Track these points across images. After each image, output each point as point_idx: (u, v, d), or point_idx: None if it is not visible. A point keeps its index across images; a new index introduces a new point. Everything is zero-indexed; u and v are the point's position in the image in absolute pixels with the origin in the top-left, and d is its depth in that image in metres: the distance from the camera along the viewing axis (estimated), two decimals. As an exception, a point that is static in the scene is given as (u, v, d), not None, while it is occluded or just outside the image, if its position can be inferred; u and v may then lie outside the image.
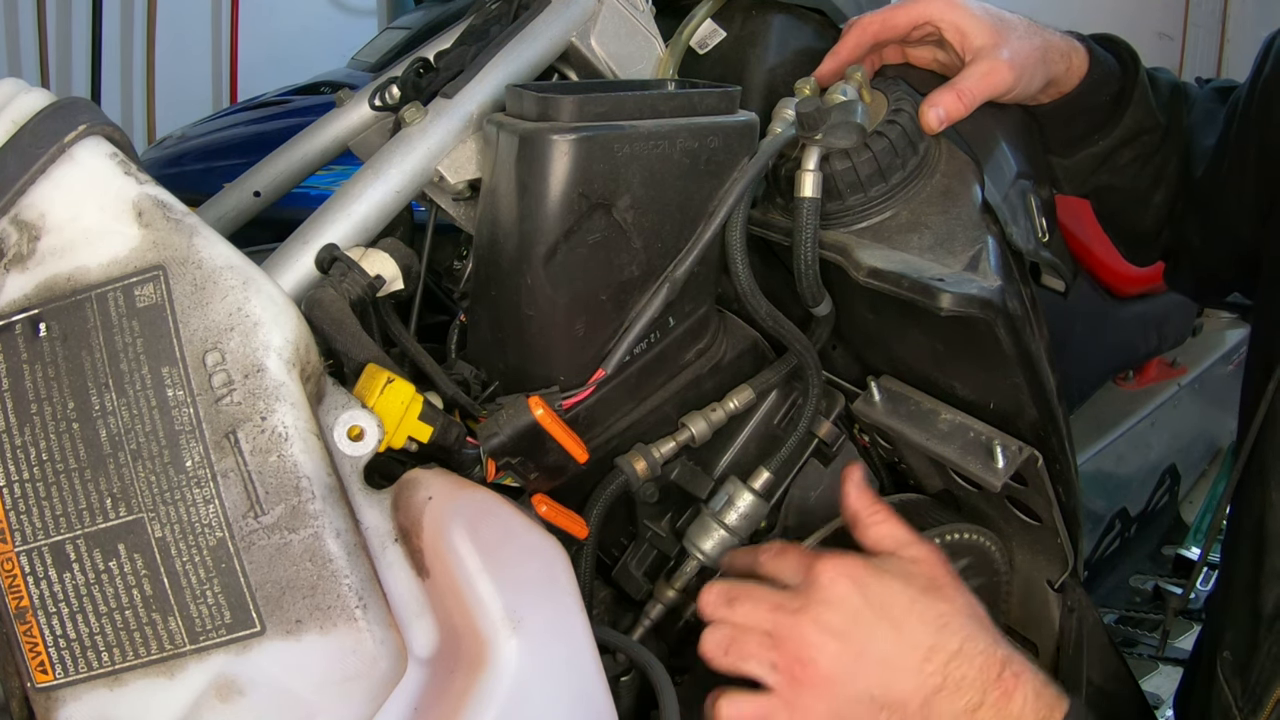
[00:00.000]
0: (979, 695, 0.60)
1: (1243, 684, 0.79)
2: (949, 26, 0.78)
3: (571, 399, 0.70)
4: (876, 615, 0.61)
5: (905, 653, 0.60)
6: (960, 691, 0.60)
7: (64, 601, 0.50)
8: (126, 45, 3.95)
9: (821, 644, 0.61)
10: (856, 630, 0.61)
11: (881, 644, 0.61)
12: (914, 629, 0.61)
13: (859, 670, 0.60)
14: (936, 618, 0.61)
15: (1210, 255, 0.93)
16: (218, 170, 2.35)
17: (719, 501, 0.80)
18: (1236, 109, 0.86)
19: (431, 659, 0.57)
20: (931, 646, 0.60)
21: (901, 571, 0.63)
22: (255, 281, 0.53)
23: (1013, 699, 0.60)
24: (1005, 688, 0.60)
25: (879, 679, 0.60)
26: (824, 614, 0.61)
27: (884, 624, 0.61)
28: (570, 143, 0.64)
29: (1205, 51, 5.55)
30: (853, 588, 0.62)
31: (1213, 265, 0.94)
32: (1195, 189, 0.90)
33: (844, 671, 0.61)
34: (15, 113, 0.54)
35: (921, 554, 0.65)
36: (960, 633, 0.61)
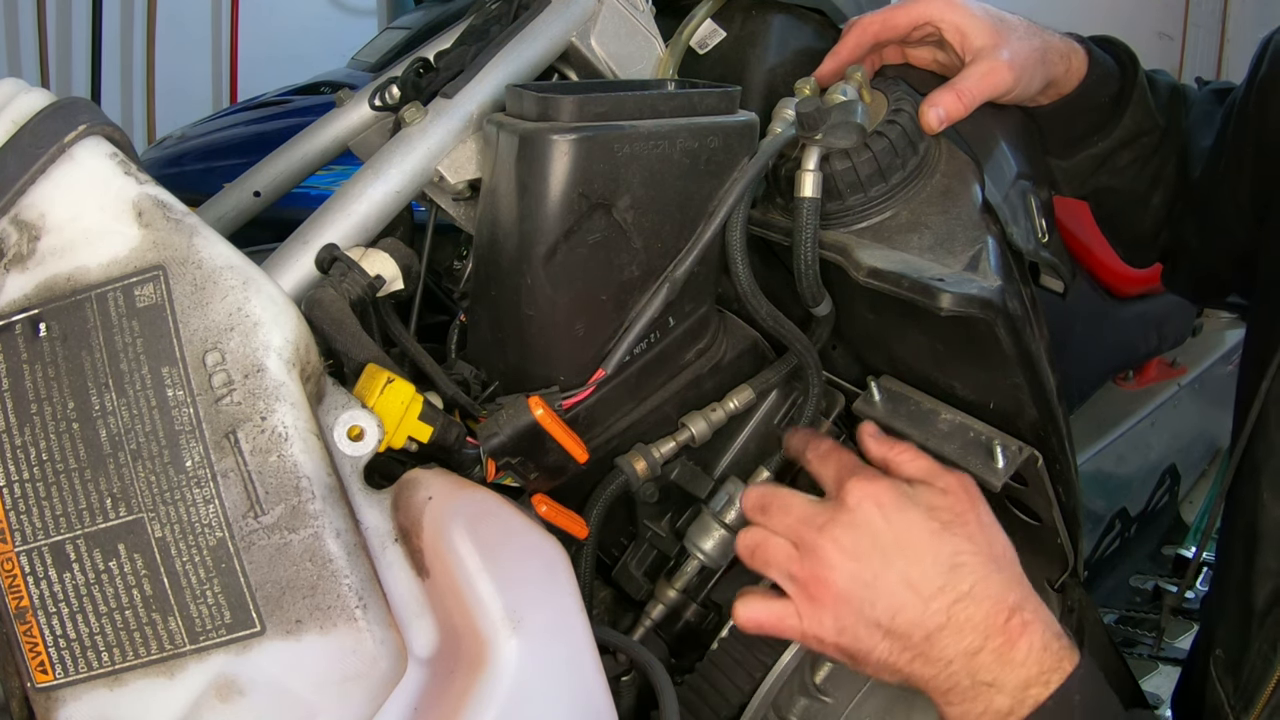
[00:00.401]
0: (981, 639, 0.60)
1: (1235, 682, 0.80)
2: (949, 27, 0.78)
3: (571, 399, 0.70)
4: (894, 545, 0.62)
5: (915, 587, 0.61)
6: (963, 633, 0.60)
7: (64, 601, 0.50)
8: (126, 45, 3.95)
9: (838, 564, 0.62)
10: (872, 557, 0.62)
11: (893, 575, 0.61)
12: (927, 565, 0.61)
13: (869, 596, 0.61)
14: (952, 555, 0.62)
15: (1208, 256, 0.93)
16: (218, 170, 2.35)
17: (719, 501, 0.80)
18: (1233, 109, 0.87)
19: (431, 659, 0.57)
20: (941, 586, 0.61)
21: (928, 503, 0.64)
22: (255, 281, 0.53)
23: (1016, 647, 0.60)
24: (1010, 635, 0.60)
25: (886, 607, 0.61)
26: (844, 536, 0.62)
27: (900, 555, 0.62)
28: (570, 143, 0.64)
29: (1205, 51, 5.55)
30: (877, 513, 0.63)
31: (1211, 266, 0.95)
32: (1193, 189, 0.90)
33: (855, 595, 0.62)
34: (15, 113, 0.54)
35: (952, 484, 0.65)
36: (973, 575, 0.61)
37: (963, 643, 0.61)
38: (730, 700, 0.76)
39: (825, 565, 0.62)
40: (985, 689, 0.60)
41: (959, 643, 0.61)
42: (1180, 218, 0.93)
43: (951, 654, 0.61)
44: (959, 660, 0.61)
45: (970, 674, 0.61)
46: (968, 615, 0.61)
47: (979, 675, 0.60)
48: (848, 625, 0.62)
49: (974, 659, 0.60)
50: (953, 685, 0.61)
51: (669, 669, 0.74)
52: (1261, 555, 0.78)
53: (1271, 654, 0.76)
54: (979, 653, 0.60)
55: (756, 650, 0.77)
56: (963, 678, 0.61)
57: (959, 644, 0.61)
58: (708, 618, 0.82)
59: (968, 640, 0.61)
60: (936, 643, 0.61)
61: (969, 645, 0.60)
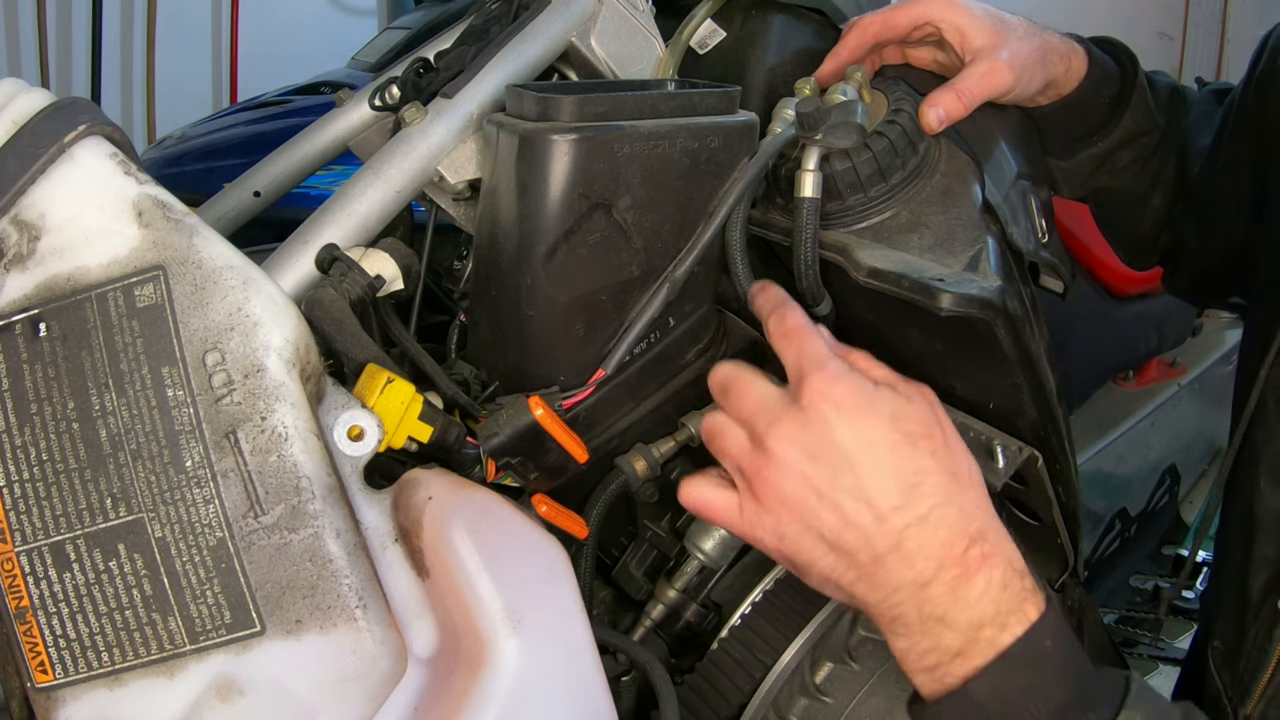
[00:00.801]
0: (933, 569, 0.54)
1: (1232, 673, 0.80)
2: (949, 27, 0.78)
3: (571, 399, 0.70)
4: (849, 454, 0.55)
5: (867, 502, 0.55)
6: (914, 560, 0.55)
7: (64, 601, 0.50)
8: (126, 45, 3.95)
9: (787, 467, 0.56)
10: (824, 464, 0.55)
11: (845, 487, 0.55)
12: (883, 482, 0.55)
13: (815, 507, 0.56)
14: (912, 474, 0.55)
15: (1207, 255, 0.93)
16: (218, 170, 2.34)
17: (719, 501, 0.80)
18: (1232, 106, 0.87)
19: (431, 659, 0.57)
20: (896, 505, 0.55)
21: (891, 410, 0.56)
22: (255, 281, 0.53)
23: (972, 581, 0.54)
24: (966, 568, 0.54)
25: (832, 522, 0.55)
26: (797, 436, 0.56)
27: (854, 466, 0.55)
28: (570, 143, 0.64)
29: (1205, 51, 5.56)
30: (835, 415, 0.55)
31: (1210, 265, 0.95)
32: (1192, 187, 0.90)
33: (799, 503, 0.56)
34: (15, 113, 0.54)
35: (915, 394, 0.59)
36: (932, 497, 0.55)
37: (912, 571, 0.55)
38: (730, 700, 0.76)
39: (773, 465, 0.56)
40: (934, 624, 0.55)
41: (908, 570, 0.55)
42: (1180, 218, 0.93)
43: (898, 581, 0.55)
44: (906, 589, 0.55)
45: (918, 606, 0.55)
46: (921, 542, 0.54)
47: (927, 608, 0.55)
48: (789, 534, 0.57)
49: (923, 590, 0.55)
50: (898, 615, 0.56)
51: (669, 669, 0.74)
52: (1259, 544, 0.78)
53: (1267, 643, 0.76)
54: (929, 584, 0.54)
55: (756, 650, 0.77)
56: (909, 609, 0.55)
57: (908, 572, 0.55)
58: (708, 618, 0.82)
59: (918, 568, 0.54)
60: (884, 567, 0.55)
61: (919, 574, 0.54)
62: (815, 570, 0.58)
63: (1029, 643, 0.54)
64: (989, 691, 0.54)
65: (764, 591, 0.80)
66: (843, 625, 0.79)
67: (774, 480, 0.57)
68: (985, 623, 0.54)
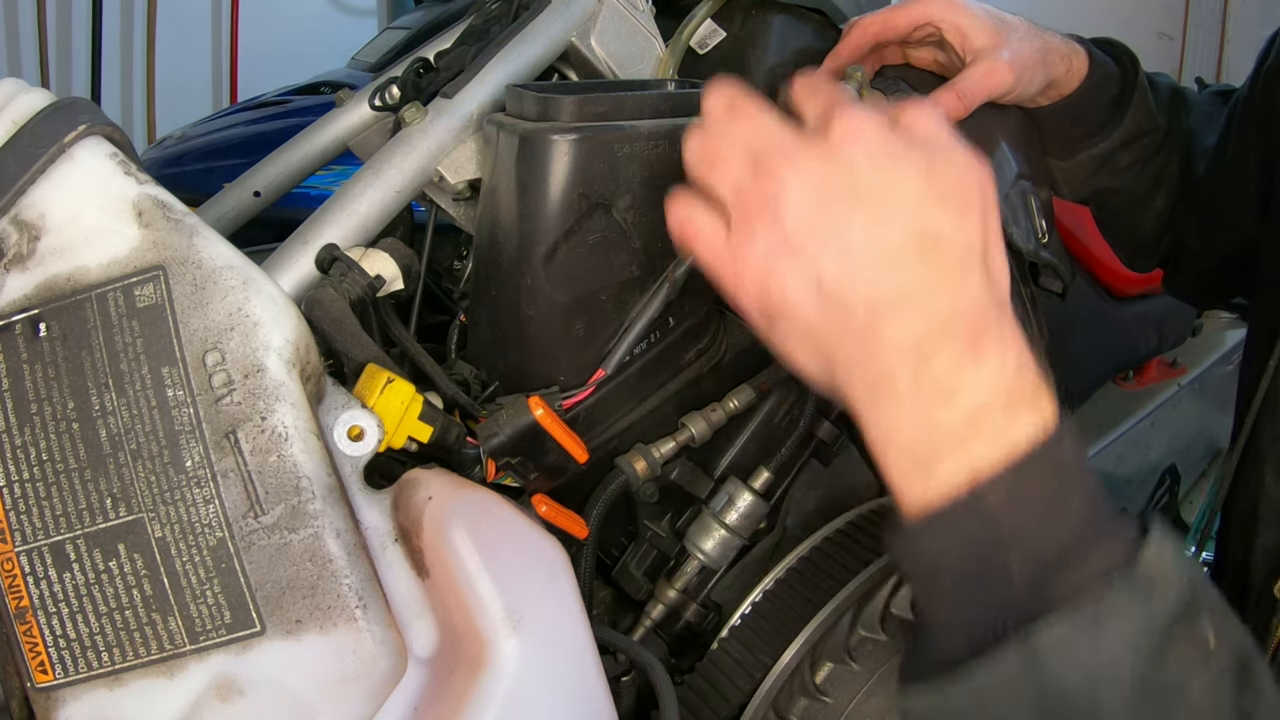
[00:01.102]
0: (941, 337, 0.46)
1: None
2: (949, 27, 0.78)
3: (571, 399, 0.70)
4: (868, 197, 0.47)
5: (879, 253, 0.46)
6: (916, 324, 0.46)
7: (64, 601, 0.50)
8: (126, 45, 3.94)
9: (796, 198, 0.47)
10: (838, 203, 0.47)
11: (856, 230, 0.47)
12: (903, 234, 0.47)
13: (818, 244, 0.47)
14: (935, 231, 0.47)
15: (1210, 255, 0.93)
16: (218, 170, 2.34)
17: (719, 501, 0.80)
18: (1238, 105, 0.87)
19: (431, 659, 0.57)
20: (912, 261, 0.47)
21: (927, 164, 0.48)
22: (255, 281, 0.53)
23: (983, 359, 0.46)
24: (978, 344, 0.46)
25: (834, 267, 0.47)
26: (815, 168, 0.48)
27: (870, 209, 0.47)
28: (570, 143, 0.64)
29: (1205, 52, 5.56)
30: (861, 155, 0.47)
31: (1212, 265, 0.95)
32: (1197, 187, 0.90)
33: (801, 237, 0.47)
34: (15, 113, 0.54)
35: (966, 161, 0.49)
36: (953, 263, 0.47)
37: (914, 333, 0.46)
38: (730, 700, 0.76)
39: (781, 194, 0.48)
40: (933, 396, 0.46)
41: (910, 332, 0.46)
42: (1183, 218, 0.93)
43: (897, 344, 0.46)
44: (905, 356, 0.46)
45: (915, 373, 0.46)
46: (930, 307, 0.46)
47: (927, 377, 0.46)
48: (778, 271, 0.48)
49: (924, 360, 0.46)
50: (889, 379, 0.46)
51: (669, 669, 0.74)
52: (1261, 538, 0.79)
53: (1265, 634, 0.76)
54: (933, 354, 0.46)
55: (757, 650, 0.77)
56: (904, 374, 0.46)
57: (910, 334, 0.46)
58: (708, 618, 0.82)
59: (922, 332, 0.46)
60: (883, 328, 0.46)
61: (922, 339, 0.46)
62: (796, 322, 0.49)
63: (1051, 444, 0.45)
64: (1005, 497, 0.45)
65: (764, 591, 0.80)
66: (843, 625, 0.79)
67: (778, 211, 0.48)
68: (994, 408, 0.45)
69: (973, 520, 0.45)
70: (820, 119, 0.50)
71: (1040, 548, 0.44)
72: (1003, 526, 0.45)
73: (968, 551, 0.45)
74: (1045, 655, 0.43)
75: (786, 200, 0.48)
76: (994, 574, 0.45)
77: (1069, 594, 0.43)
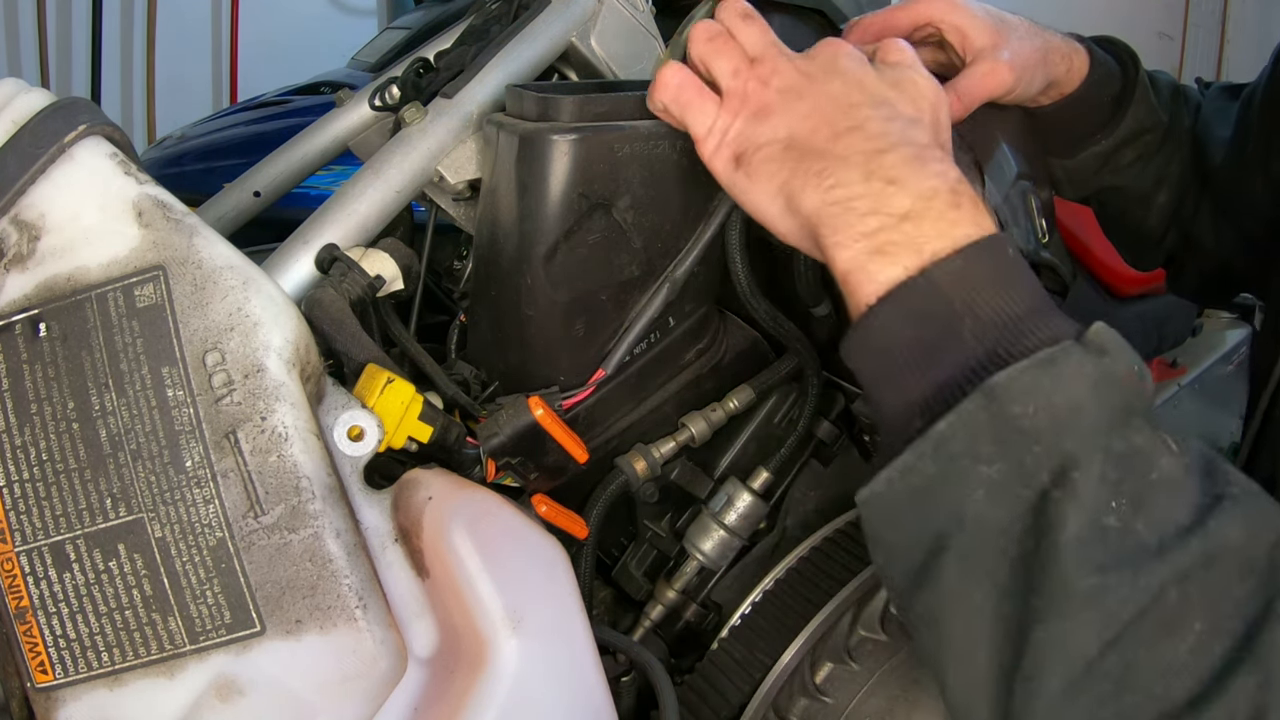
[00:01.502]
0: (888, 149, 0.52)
1: None
2: (950, 28, 0.78)
3: (571, 399, 0.70)
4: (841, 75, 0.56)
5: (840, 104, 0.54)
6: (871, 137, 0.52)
7: (64, 601, 0.50)
8: (126, 45, 3.94)
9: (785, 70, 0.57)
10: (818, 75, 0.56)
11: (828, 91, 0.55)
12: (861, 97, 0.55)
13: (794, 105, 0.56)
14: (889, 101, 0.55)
15: (1223, 249, 0.93)
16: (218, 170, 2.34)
17: (719, 502, 0.80)
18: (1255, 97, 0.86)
19: (431, 659, 0.57)
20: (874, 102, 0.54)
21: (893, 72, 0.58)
22: (255, 281, 0.53)
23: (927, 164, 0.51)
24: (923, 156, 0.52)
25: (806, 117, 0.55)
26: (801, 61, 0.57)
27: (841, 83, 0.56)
28: (570, 143, 0.64)
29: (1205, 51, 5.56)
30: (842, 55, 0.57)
31: (1225, 260, 0.94)
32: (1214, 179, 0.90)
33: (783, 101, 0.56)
34: (15, 113, 0.54)
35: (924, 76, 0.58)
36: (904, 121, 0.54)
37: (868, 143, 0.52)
38: (730, 700, 0.76)
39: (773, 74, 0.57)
40: (882, 184, 0.50)
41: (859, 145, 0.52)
42: (1192, 213, 0.93)
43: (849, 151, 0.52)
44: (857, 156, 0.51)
45: (866, 166, 0.51)
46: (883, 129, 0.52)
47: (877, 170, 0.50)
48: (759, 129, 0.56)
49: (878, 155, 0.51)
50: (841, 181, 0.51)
51: (669, 669, 0.74)
52: None
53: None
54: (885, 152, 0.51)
55: (756, 650, 0.77)
56: (855, 168, 0.51)
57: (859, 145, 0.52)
58: (708, 618, 0.82)
59: (875, 143, 0.52)
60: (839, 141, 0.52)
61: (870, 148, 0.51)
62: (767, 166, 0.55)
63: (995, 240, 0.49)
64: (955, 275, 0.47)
65: (764, 591, 0.80)
66: (843, 625, 0.79)
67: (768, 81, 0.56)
68: (941, 199, 0.49)
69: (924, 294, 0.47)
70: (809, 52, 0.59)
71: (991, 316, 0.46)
72: (953, 299, 0.46)
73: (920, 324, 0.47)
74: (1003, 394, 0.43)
75: (776, 76, 0.57)
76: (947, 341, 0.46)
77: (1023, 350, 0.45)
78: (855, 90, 0.55)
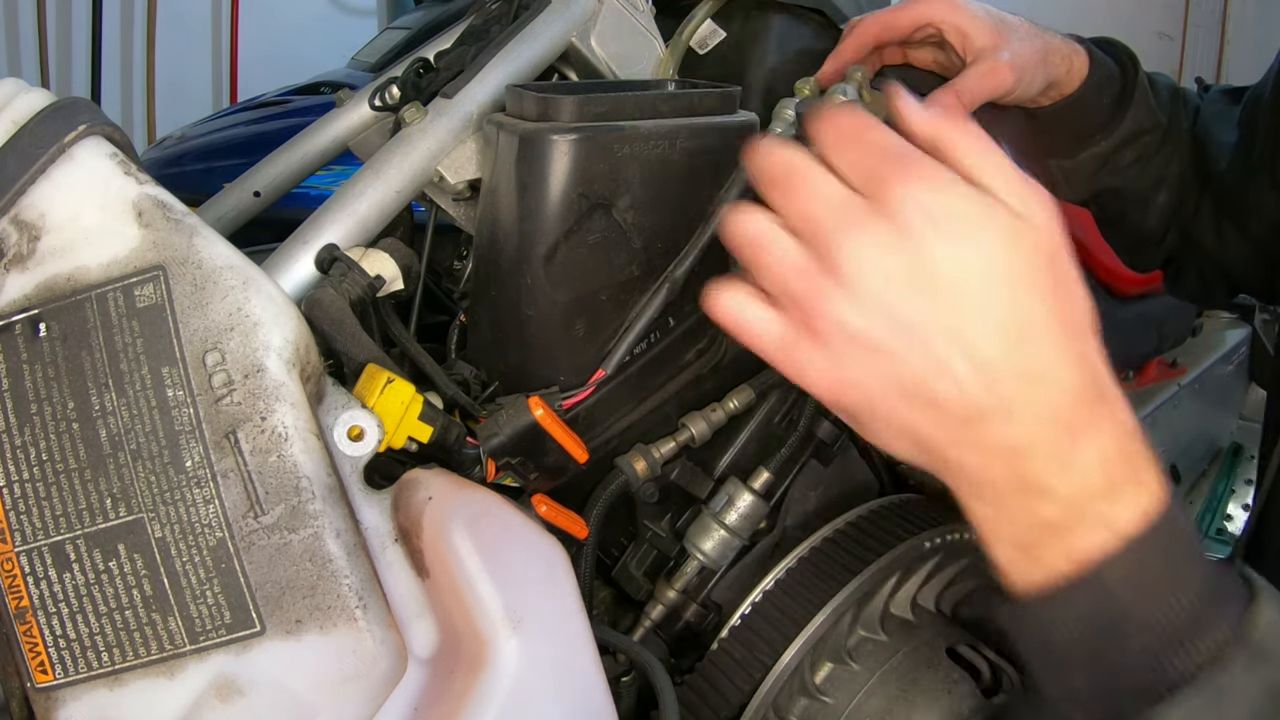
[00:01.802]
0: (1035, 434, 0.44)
1: None
2: (950, 28, 0.78)
3: (571, 399, 0.70)
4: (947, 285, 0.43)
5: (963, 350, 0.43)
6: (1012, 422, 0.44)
7: (64, 601, 0.50)
8: (126, 45, 3.95)
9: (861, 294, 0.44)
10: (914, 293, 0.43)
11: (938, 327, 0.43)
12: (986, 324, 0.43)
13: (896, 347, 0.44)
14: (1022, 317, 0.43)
15: (1225, 253, 0.93)
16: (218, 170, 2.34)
17: (719, 502, 0.80)
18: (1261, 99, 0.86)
19: (431, 659, 0.57)
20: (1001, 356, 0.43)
21: (1008, 234, 0.44)
22: (255, 281, 0.53)
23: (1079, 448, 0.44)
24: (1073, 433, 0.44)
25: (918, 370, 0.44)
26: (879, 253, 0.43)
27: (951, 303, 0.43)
28: (570, 143, 0.64)
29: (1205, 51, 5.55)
30: (933, 233, 0.43)
31: (1226, 263, 0.94)
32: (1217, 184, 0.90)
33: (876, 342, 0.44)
34: (15, 113, 0.54)
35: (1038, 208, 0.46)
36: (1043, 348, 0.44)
37: (1010, 434, 0.44)
38: (730, 700, 0.76)
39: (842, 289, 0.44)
40: (1031, 495, 0.45)
41: (1006, 433, 0.44)
42: (1193, 215, 0.93)
43: (993, 444, 0.44)
44: (1001, 455, 0.44)
45: (1012, 472, 0.45)
46: (1025, 400, 0.43)
47: (1024, 477, 0.44)
48: (853, 379, 0.45)
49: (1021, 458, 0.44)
50: (987, 480, 0.45)
51: (669, 669, 0.74)
52: None
53: None
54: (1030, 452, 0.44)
55: (757, 650, 0.77)
56: (1001, 474, 0.45)
57: (1006, 435, 0.44)
58: (708, 618, 0.82)
59: (1017, 432, 0.44)
60: (977, 428, 0.44)
61: (1018, 439, 0.44)
62: (883, 424, 0.46)
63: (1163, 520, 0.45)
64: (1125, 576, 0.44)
65: (764, 591, 0.80)
66: (842, 625, 0.79)
67: (840, 309, 0.44)
68: (1095, 494, 0.44)
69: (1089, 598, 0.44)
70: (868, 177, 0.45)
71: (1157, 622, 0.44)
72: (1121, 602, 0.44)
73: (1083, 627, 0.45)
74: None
75: (852, 296, 0.44)
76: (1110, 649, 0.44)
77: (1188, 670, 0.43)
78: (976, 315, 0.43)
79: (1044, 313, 0.44)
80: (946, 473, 0.47)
